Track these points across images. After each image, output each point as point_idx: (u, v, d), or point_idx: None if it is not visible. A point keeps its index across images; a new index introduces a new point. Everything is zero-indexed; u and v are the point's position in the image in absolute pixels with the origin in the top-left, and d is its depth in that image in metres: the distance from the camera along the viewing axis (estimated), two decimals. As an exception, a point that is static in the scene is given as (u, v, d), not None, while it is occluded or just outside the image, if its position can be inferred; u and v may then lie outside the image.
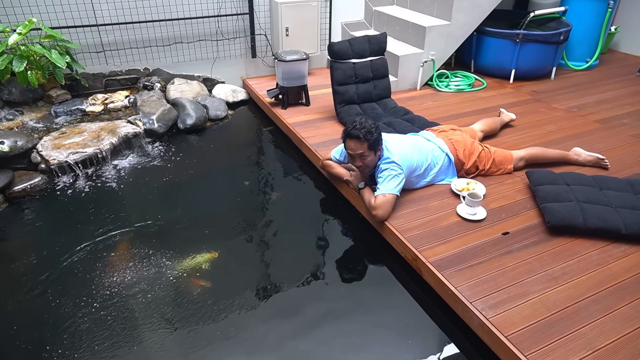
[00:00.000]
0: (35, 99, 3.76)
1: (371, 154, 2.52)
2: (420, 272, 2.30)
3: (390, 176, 2.51)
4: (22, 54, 3.34)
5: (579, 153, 3.07)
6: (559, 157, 3.05)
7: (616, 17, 5.51)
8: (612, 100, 4.28)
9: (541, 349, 1.78)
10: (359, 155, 2.52)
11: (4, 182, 2.97)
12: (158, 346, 2.03)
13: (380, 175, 2.54)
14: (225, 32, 4.43)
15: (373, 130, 2.47)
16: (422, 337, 2.12)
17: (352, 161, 2.61)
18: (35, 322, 2.15)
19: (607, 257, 2.26)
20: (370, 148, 2.49)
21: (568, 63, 5.08)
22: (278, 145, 3.84)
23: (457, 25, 4.35)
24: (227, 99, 4.43)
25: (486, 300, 2.00)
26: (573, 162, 3.06)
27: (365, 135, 2.45)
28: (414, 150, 2.69)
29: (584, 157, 3.06)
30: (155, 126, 3.67)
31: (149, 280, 2.37)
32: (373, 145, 2.49)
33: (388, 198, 2.49)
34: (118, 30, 4.01)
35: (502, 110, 3.70)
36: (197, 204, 3.02)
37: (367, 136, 2.45)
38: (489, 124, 3.41)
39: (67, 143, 3.29)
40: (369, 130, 2.46)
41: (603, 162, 3.03)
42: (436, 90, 4.45)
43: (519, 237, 2.40)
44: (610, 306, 1.98)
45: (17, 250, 2.66)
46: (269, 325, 2.15)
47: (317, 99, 4.12)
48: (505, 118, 3.63)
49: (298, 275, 2.43)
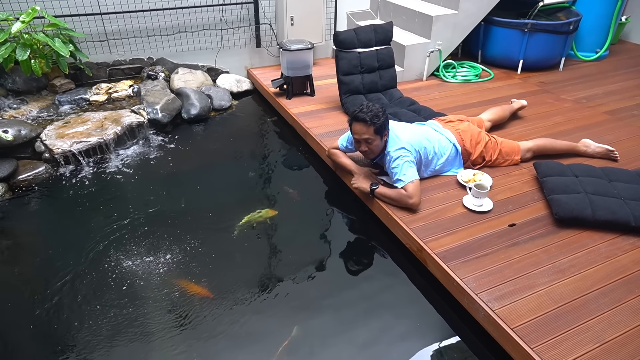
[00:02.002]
0: (39, 88, 3.75)
1: (377, 138, 2.48)
2: (426, 263, 2.28)
3: (405, 163, 2.47)
4: (25, 42, 3.32)
5: (588, 144, 3.02)
6: (568, 148, 3.01)
7: (627, 7, 5.39)
8: (622, 91, 4.21)
9: (548, 341, 1.76)
10: (364, 140, 2.48)
11: (8, 171, 2.97)
12: (165, 336, 2.03)
13: (394, 165, 2.49)
14: (230, 21, 4.38)
15: (380, 114, 2.44)
16: (427, 329, 2.10)
17: (358, 146, 2.57)
18: (43, 313, 2.15)
19: (615, 250, 2.23)
20: (377, 132, 2.45)
21: (577, 54, 5.00)
22: (282, 136, 3.81)
23: (465, 15, 4.29)
24: (232, 89, 4.40)
25: (492, 292, 1.98)
26: (582, 153, 3.02)
27: (372, 118, 2.41)
28: (421, 138, 2.66)
29: (593, 149, 3.01)
30: (159, 116, 3.65)
31: (153, 270, 2.37)
32: (379, 130, 2.45)
33: (416, 183, 2.47)
34: (122, 19, 3.97)
35: (514, 100, 3.65)
36: (201, 194, 3.01)
37: (374, 120, 2.41)
38: (497, 113, 3.35)
39: (71, 132, 3.28)
40: (376, 114, 2.42)
41: (612, 154, 2.99)
42: (443, 80, 4.40)
43: (526, 229, 2.37)
44: (618, 299, 1.95)
45: (22, 239, 2.67)
46: (270, 314, 2.14)
47: (322, 89, 4.09)
48: (516, 105, 3.56)
49: (302, 266, 2.42)
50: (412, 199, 2.44)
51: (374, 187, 2.56)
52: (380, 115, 2.43)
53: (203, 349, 1.97)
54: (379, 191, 2.54)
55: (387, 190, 2.53)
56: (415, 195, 2.44)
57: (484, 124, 3.13)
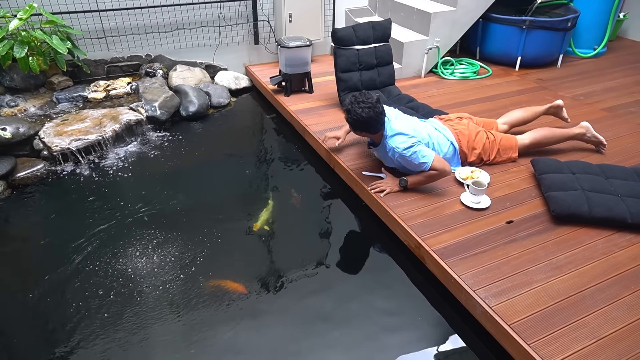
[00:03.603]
0: (37, 85, 3.74)
1: (372, 135, 2.64)
2: (424, 260, 2.29)
3: (416, 147, 2.51)
4: (23, 39, 3.31)
5: (588, 128, 3.01)
6: (564, 136, 3.01)
7: (625, 4, 5.40)
8: (620, 88, 4.22)
9: (544, 337, 1.77)
10: (362, 135, 2.69)
11: (6, 169, 2.97)
12: (165, 333, 2.04)
13: (409, 155, 2.51)
14: (228, 18, 4.38)
15: (368, 118, 2.47)
16: (425, 325, 2.12)
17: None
18: (43, 310, 2.16)
19: (612, 246, 2.24)
20: (370, 132, 2.60)
21: (575, 50, 5.01)
22: (281, 133, 3.82)
23: (463, 12, 4.29)
24: (230, 86, 4.40)
25: (489, 288, 1.99)
26: (578, 137, 3.02)
27: (361, 126, 2.54)
28: (422, 130, 2.70)
29: (591, 134, 3.02)
30: (157, 113, 3.65)
31: (152, 268, 2.38)
32: (372, 129, 2.57)
33: (437, 158, 2.54)
34: (120, 16, 3.96)
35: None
36: (199, 191, 3.01)
37: (363, 127, 2.55)
38: (517, 116, 3.14)
39: (69, 130, 3.28)
40: (364, 121, 2.49)
41: (602, 147, 3.03)
42: (441, 77, 4.40)
43: (523, 225, 2.38)
44: (614, 295, 1.96)
45: (21, 237, 2.67)
46: (269, 311, 2.15)
47: (321, 86, 4.09)
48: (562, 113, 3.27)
49: (300, 263, 2.43)
50: (445, 172, 2.54)
51: (403, 185, 2.62)
52: (368, 120, 2.48)
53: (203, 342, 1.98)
54: (411, 182, 2.61)
55: (417, 177, 2.60)
56: (444, 167, 2.53)
57: (495, 126, 3.04)
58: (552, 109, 3.24)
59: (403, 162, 2.59)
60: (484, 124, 3.02)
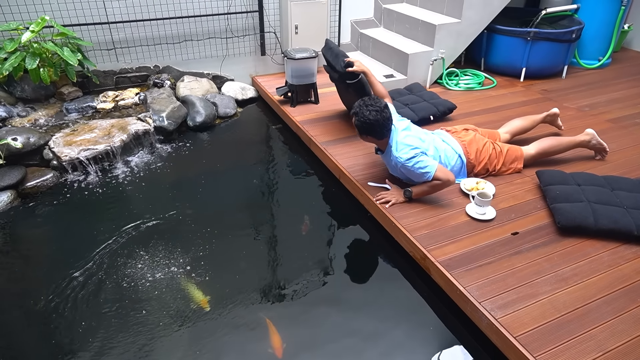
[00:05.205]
0: (47, 96, 3.80)
1: (378, 141, 2.64)
2: (429, 271, 2.30)
3: (420, 157, 2.53)
4: (34, 51, 3.37)
5: (593, 135, 3.04)
6: (570, 144, 3.03)
7: (630, 15, 5.42)
8: (625, 99, 4.23)
9: (551, 350, 1.77)
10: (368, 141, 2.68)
11: (16, 179, 3.01)
12: (169, 341, 2.05)
13: (412, 166, 2.54)
14: (235, 30, 4.43)
15: (374, 124, 2.50)
16: (430, 337, 2.12)
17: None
18: (51, 318, 2.18)
19: (618, 259, 2.24)
20: (376, 138, 2.61)
21: (580, 61, 5.03)
22: (287, 143, 3.85)
23: (468, 23, 4.32)
24: (237, 96, 4.44)
25: (495, 300, 2.00)
26: (583, 144, 3.04)
27: (367, 131, 2.56)
28: (428, 142, 2.71)
29: (597, 140, 3.04)
30: (165, 123, 3.69)
31: (160, 277, 2.39)
32: (378, 135, 2.58)
33: (439, 167, 2.56)
34: (129, 28, 4.03)
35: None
36: (206, 201, 3.04)
37: (369, 132, 2.56)
38: (516, 125, 3.20)
39: (78, 140, 3.33)
40: (369, 128, 2.52)
41: (603, 155, 3.08)
42: (446, 88, 4.43)
43: (529, 237, 2.38)
44: (621, 308, 1.96)
45: (30, 245, 2.70)
46: (274, 320, 2.16)
47: (327, 97, 4.12)
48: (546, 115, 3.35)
49: (306, 274, 2.44)
50: (449, 181, 2.55)
51: (408, 195, 2.63)
52: (374, 123, 2.49)
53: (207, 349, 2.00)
54: (415, 193, 2.62)
55: (421, 188, 2.62)
56: (447, 176, 2.55)
57: (498, 137, 3.09)
58: (549, 117, 3.35)
59: (406, 172, 2.61)
60: (488, 134, 3.04)
